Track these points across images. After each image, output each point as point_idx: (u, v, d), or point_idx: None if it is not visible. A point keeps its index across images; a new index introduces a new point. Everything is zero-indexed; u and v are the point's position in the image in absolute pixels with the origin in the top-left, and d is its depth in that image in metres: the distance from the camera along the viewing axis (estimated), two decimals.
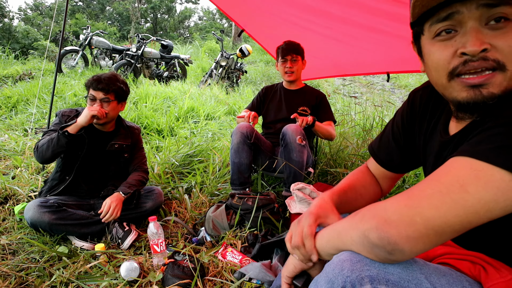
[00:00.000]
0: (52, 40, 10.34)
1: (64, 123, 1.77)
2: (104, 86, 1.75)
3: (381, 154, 0.96)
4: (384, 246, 0.55)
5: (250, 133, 2.06)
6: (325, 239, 0.69)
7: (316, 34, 2.45)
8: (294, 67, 2.23)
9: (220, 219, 1.72)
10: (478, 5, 0.57)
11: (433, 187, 0.55)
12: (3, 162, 2.60)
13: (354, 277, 0.57)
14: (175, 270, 1.34)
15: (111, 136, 1.90)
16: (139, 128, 2.05)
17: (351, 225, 0.62)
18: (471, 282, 0.63)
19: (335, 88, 7.41)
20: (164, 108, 4.44)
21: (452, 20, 0.60)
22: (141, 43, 6.39)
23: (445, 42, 0.61)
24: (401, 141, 0.91)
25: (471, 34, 0.58)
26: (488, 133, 0.55)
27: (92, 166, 1.86)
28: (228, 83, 6.81)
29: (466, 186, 0.52)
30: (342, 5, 1.98)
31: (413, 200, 0.55)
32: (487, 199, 0.51)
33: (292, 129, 1.97)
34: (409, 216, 0.54)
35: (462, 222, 0.52)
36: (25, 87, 4.67)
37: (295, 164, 1.95)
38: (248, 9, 2.60)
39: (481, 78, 0.58)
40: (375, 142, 0.99)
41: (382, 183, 0.99)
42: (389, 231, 0.54)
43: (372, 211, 0.60)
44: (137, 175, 1.91)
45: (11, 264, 1.45)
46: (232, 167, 2.08)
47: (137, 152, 2.01)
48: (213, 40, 12.51)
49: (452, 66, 0.61)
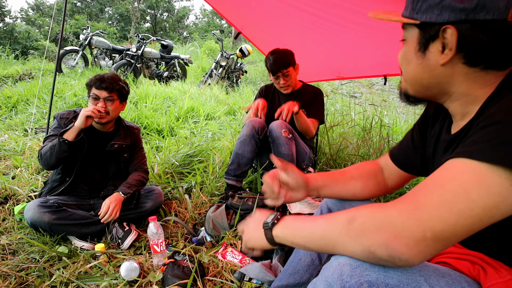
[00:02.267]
0: (52, 40, 10.34)
1: (64, 126, 1.77)
2: (108, 85, 1.75)
3: (399, 155, 0.96)
4: (394, 262, 0.56)
5: (261, 129, 2.06)
6: (297, 233, 0.70)
7: (313, 37, 2.45)
8: (288, 81, 2.19)
9: (220, 219, 1.72)
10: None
11: (439, 196, 0.55)
12: (3, 162, 2.60)
13: (353, 283, 0.57)
14: (175, 270, 1.34)
15: (111, 136, 1.90)
16: (138, 127, 2.05)
17: (349, 237, 0.60)
18: (470, 283, 0.63)
19: (335, 88, 7.41)
20: (164, 108, 4.44)
21: None
22: (141, 43, 6.39)
23: None
24: (419, 145, 0.91)
25: None
26: (483, 132, 0.56)
27: (92, 167, 1.86)
28: (228, 83, 6.81)
29: (470, 193, 0.53)
30: (339, 9, 1.99)
31: (421, 213, 0.55)
32: (490, 206, 0.52)
33: (277, 124, 1.98)
34: (419, 232, 0.54)
35: (467, 231, 0.54)
36: (25, 87, 4.67)
37: (285, 157, 1.94)
38: (244, 12, 2.61)
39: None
40: (395, 147, 0.99)
41: (388, 177, 0.98)
42: (400, 249, 0.54)
43: (374, 221, 0.58)
44: (137, 175, 1.91)
45: (11, 264, 1.45)
46: (233, 157, 2.08)
47: (137, 152, 2.01)
48: (212, 40, 12.51)
49: None
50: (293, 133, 2.03)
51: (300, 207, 1.75)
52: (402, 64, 0.75)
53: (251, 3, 2.41)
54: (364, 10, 1.89)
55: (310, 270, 0.98)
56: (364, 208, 0.61)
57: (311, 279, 0.93)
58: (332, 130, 2.94)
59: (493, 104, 0.60)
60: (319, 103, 2.27)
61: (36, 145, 2.91)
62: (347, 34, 2.36)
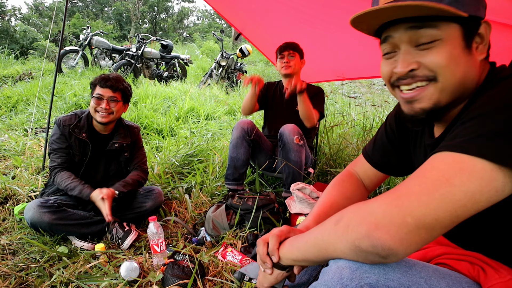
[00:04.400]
0: (52, 40, 10.34)
1: (68, 134, 1.76)
2: (113, 83, 1.76)
3: (376, 156, 0.96)
4: (378, 252, 0.54)
5: (251, 129, 2.06)
6: (294, 247, 0.70)
7: (313, 39, 2.46)
8: (291, 62, 2.22)
9: (220, 219, 1.73)
10: (406, 29, 0.64)
11: (420, 184, 0.54)
12: (3, 162, 2.60)
13: (353, 286, 0.57)
14: (175, 270, 1.34)
15: (111, 136, 1.91)
16: (138, 127, 2.05)
17: (336, 236, 0.60)
18: (470, 284, 0.63)
19: (335, 88, 7.41)
20: (164, 108, 4.44)
21: (389, 43, 0.68)
22: (141, 43, 6.39)
23: (388, 60, 0.70)
24: (397, 142, 0.91)
25: (400, 56, 0.66)
26: (463, 127, 0.56)
27: (95, 168, 1.87)
28: (228, 83, 6.81)
29: (452, 180, 0.52)
30: (339, 10, 1.99)
31: (401, 200, 0.54)
32: (473, 190, 0.51)
33: (289, 129, 1.97)
34: (399, 217, 0.53)
35: (451, 217, 0.52)
36: (25, 87, 4.67)
37: (293, 164, 1.95)
38: (245, 13, 2.62)
39: (412, 93, 0.66)
40: (368, 146, 0.99)
41: (368, 183, 0.98)
42: (382, 237, 0.53)
43: (356, 216, 0.58)
44: (136, 174, 1.91)
45: (11, 264, 1.45)
46: (228, 161, 2.09)
47: (137, 151, 2.01)
48: (212, 40, 12.51)
49: (392, 79, 0.70)
50: (303, 139, 2.02)
51: (300, 207, 1.75)
52: (448, 67, 0.62)
53: (251, 5, 2.42)
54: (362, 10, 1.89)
55: (309, 271, 0.98)
56: (349, 208, 0.62)
57: (310, 280, 0.93)
58: (332, 130, 2.95)
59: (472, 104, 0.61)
60: (320, 98, 2.29)
61: (36, 145, 2.91)
62: (346, 35, 2.36)
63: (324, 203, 0.91)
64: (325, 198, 0.93)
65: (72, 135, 1.78)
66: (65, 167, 1.78)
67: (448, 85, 0.63)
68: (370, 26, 0.69)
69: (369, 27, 0.69)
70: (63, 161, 1.78)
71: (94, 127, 1.85)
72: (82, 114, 1.84)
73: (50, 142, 1.81)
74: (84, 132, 1.79)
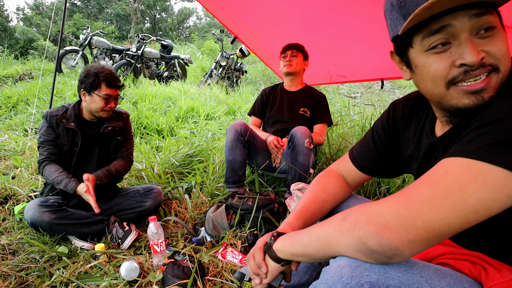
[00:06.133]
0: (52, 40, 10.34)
1: (55, 125, 1.74)
2: (117, 83, 1.80)
3: (362, 160, 0.95)
4: (385, 251, 0.55)
5: (244, 131, 2.06)
6: (295, 241, 0.71)
7: (310, 43, 2.46)
8: (293, 61, 2.24)
9: (220, 219, 1.72)
10: (470, 16, 0.58)
11: (433, 190, 0.54)
12: (3, 162, 2.60)
13: (354, 284, 0.57)
14: (175, 270, 1.34)
15: (102, 121, 1.89)
16: (127, 113, 2.04)
17: (342, 232, 0.61)
18: (472, 283, 0.63)
19: (334, 88, 7.40)
20: (164, 108, 4.44)
21: (445, 33, 0.60)
22: (141, 43, 6.39)
23: (440, 55, 0.62)
24: (384, 150, 0.91)
25: (467, 46, 0.59)
26: (478, 132, 0.55)
27: (87, 158, 1.85)
28: (228, 83, 6.81)
29: (465, 187, 0.52)
30: (335, 14, 2.00)
31: (412, 204, 0.54)
32: (486, 197, 0.51)
33: (302, 132, 1.95)
34: (409, 220, 0.53)
35: (462, 223, 0.52)
36: (25, 87, 4.67)
37: (300, 167, 1.94)
38: (240, 17, 2.62)
39: (481, 84, 0.60)
40: (355, 149, 0.99)
41: (350, 181, 0.99)
42: (390, 237, 0.54)
43: (365, 216, 0.58)
44: (120, 164, 1.89)
45: (11, 264, 1.45)
46: (226, 165, 2.09)
47: (127, 139, 1.99)
48: (212, 40, 12.50)
49: (451, 76, 0.62)
50: (313, 143, 2.02)
51: None
52: (507, 57, 0.60)
53: (247, 10, 2.42)
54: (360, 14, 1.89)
55: (309, 272, 0.98)
56: (356, 206, 0.62)
57: (311, 281, 0.93)
58: (331, 130, 2.94)
59: (484, 108, 0.60)
60: (323, 106, 2.30)
61: (36, 145, 2.91)
62: (343, 38, 2.37)
63: (305, 200, 0.92)
64: (306, 195, 0.94)
65: (60, 125, 1.75)
66: (53, 159, 1.74)
67: (504, 76, 0.61)
68: (423, 16, 0.60)
69: (425, 16, 0.60)
70: (51, 153, 1.74)
71: (84, 116, 1.83)
72: (69, 106, 1.83)
73: (38, 137, 1.78)
74: (72, 121, 1.77)
